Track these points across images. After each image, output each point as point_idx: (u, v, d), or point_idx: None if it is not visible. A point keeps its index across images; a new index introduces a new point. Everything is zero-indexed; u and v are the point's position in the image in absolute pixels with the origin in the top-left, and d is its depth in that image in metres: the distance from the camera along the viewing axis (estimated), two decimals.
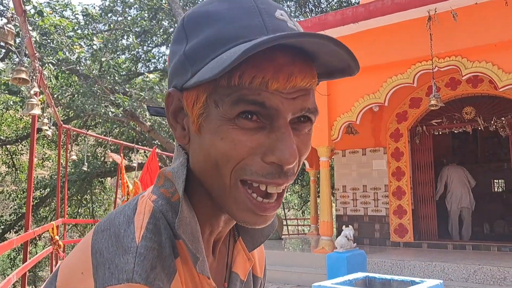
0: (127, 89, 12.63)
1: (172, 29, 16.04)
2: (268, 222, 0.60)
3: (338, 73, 0.61)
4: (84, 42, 12.98)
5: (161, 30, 16.09)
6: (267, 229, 0.71)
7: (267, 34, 0.54)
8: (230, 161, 0.55)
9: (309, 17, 14.81)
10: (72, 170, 14.50)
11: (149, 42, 16.57)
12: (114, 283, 0.51)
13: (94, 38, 12.62)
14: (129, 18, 15.42)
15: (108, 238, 0.55)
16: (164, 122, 12.40)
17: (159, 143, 13.07)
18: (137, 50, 15.29)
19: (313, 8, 16.29)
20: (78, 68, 12.43)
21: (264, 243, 0.74)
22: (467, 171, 9.36)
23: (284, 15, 0.58)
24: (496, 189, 11.88)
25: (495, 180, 11.83)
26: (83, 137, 15.26)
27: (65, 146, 9.26)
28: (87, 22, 14.25)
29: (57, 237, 6.57)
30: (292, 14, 17.49)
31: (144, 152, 15.74)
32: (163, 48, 17.54)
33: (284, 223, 16.14)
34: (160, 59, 16.91)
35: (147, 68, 16.41)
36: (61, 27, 11.66)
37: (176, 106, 0.61)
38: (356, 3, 11.81)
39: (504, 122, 8.26)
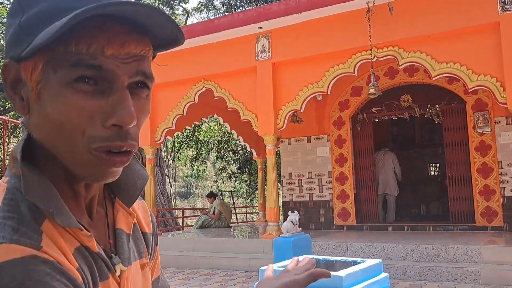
0: None
1: None
2: (115, 176, 0.63)
3: (170, 44, 0.65)
4: None
5: None
6: (140, 183, 0.75)
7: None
8: (77, 127, 0.58)
9: (254, 6, 14.88)
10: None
11: None
12: None
13: None
14: None
15: None
16: None
17: None
18: None
19: None
20: None
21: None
22: (395, 156, 9.89)
23: None
24: (432, 173, 12.58)
25: (431, 164, 12.51)
26: (22, 128, 14.60)
27: (2, 139, 8.87)
28: None
29: None
30: (238, 3, 17.46)
31: None
32: None
33: (233, 211, 16.29)
34: None
35: None
36: None
37: (14, 77, 0.62)
38: None
39: (437, 109, 8.76)
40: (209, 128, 18.18)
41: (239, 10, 16.00)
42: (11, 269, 0.52)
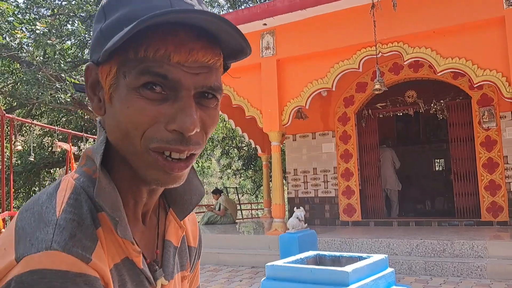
0: (74, 76, 12.23)
1: None
2: (179, 182, 0.64)
3: (238, 54, 0.65)
4: (26, 28, 12.41)
5: None
6: (195, 198, 0.76)
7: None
8: (138, 128, 0.60)
9: (259, 2, 14.86)
10: (18, 162, 13.96)
11: None
12: (33, 252, 0.54)
13: (37, 23, 12.09)
14: (73, 2, 14.86)
15: (31, 215, 0.59)
16: None
17: None
18: (83, 35, 14.80)
19: None
20: (20, 54, 11.91)
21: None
22: (394, 152, 9.89)
23: (194, 0, 0.62)
24: (436, 168, 12.55)
25: (436, 160, 12.49)
26: (28, 127, 14.70)
27: (8, 137, 8.93)
28: (29, 6, 13.63)
29: (3, 230, 6.39)
30: (242, 0, 17.44)
31: (94, 140, 15.38)
32: None
33: (238, 207, 16.33)
34: None
35: None
36: (0, 11, 11.11)
37: (94, 79, 0.64)
38: None
39: (442, 104, 8.74)
40: None
41: (243, 7, 15.99)
42: (52, 280, 0.53)
